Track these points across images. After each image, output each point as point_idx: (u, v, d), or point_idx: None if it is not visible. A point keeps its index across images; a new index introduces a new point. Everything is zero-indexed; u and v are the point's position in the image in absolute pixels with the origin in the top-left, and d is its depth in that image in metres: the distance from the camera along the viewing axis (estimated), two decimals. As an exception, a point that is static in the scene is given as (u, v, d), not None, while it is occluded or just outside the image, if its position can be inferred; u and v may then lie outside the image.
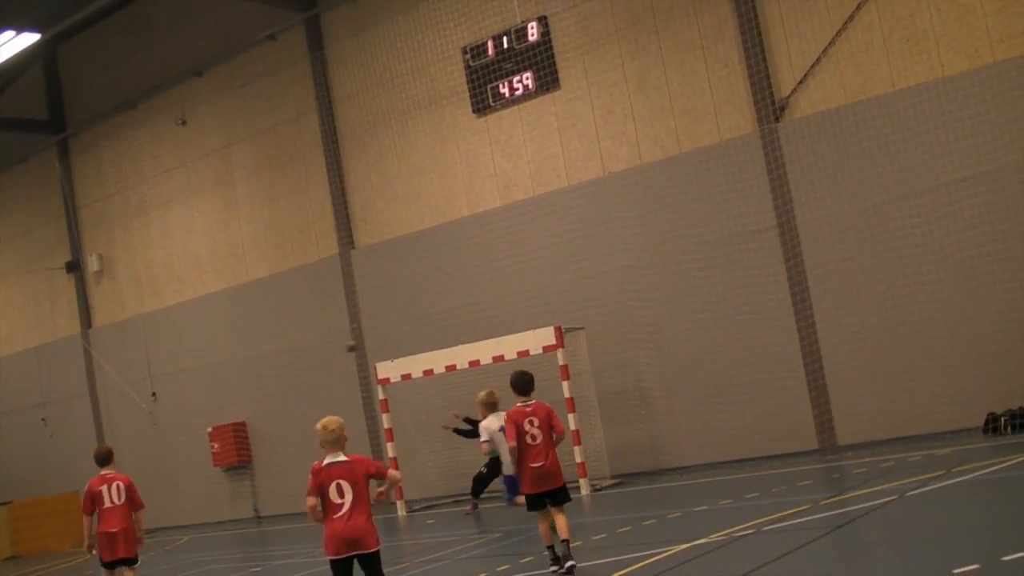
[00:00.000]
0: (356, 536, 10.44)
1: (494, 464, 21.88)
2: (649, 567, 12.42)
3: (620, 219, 24.01)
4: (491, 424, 20.53)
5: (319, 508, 10.55)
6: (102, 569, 15.50)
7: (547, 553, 13.16)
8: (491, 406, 20.62)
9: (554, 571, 12.86)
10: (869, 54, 21.29)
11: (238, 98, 30.95)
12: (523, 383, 13.80)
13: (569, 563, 12.72)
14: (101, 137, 34.94)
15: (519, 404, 13.57)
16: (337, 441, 10.68)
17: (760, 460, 21.67)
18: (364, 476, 10.57)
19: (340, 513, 10.42)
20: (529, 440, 13.30)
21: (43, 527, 30.35)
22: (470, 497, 22.77)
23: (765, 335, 22.23)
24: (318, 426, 10.76)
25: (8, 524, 31.59)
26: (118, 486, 15.46)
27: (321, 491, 10.50)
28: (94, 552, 15.50)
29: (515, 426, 13.32)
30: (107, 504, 15.37)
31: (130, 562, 15.33)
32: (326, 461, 10.57)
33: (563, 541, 12.98)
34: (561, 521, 13.16)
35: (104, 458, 15.98)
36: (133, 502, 15.44)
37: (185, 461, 32.59)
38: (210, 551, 24.98)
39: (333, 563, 10.48)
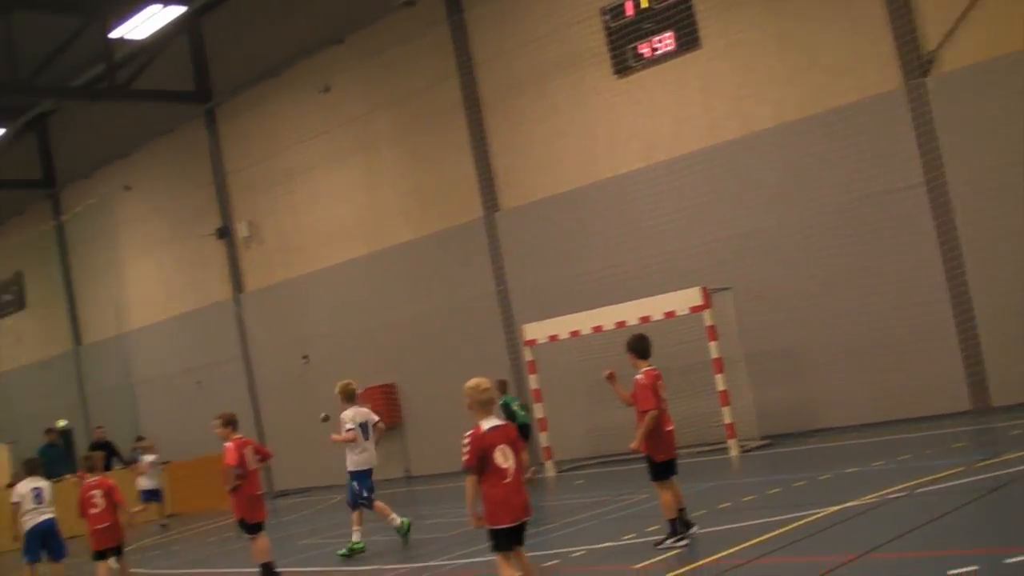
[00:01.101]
0: (527, 501, 10.18)
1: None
2: (799, 529, 12.44)
3: (763, 179, 23.80)
4: (349, 418, 18.76)
5: (478, 481, 10.09)
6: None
7: (669, 528, 13.11)
8: (351, 396, 18.96)
9: (683, 543, 12.83)
10: (1021, 2, 20.70)
11: (379, 64, 31.25)
12: (648, 346, 13.65)
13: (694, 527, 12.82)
14: (246, 106, 35.56)
15: (648, 368, 13.45)
16: (490, 402, 10.34)
17: (911, 421, 21.34)
18: (516, 443, 10.24)
19: (508, 479, 10.02)
20: (664, 405, 13.31)
21: (199, 487, 31.14)
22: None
23: (914, 294, 21.87)
24: (469, 385, 10.28)
25: (167, 484, 32.47)
26: (251, 449, 16.33)
27: (483, 458, 10.02)
28: None
29: (653, 390, 13.24)
30: (251, 467, 16.11)
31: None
32: (485, 426, 10.14)
33: (682, 509, 13.04)
34: (679, 488, 13.22)
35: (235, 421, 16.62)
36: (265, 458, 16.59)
37: (336, 422, 33.08)
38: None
39: (503, 532, 10.11)
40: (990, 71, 20.91)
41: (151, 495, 30.31)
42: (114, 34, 33.86)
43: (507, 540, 10.13)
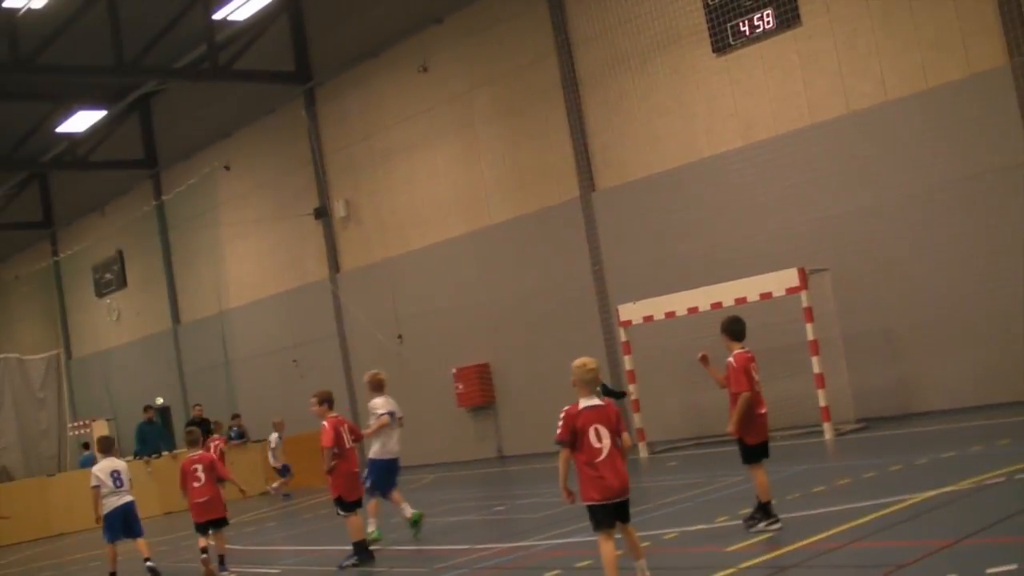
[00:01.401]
0: (625, 481, 10.29)
1: None
2: (895, 514, 12.23)
3: (864, 157, 23.41)
4: (380, 405, 18.22)
5: (571, 457, 10.29)
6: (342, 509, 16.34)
7: (762, 511, 12.95)
8: (379, 386, 18.51)
9: (776, 527, 12.67)
10: None
11: (477, 44, 31.24)
12: (742, 329, 13.46)
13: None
14: (345, 86, 35.74)
15: (741, 350, 13.25)
16: (594, 381, 10.57)
17: (1011, 406, 20.76)
18: (615, 424, 10.35)
19: (601, 458, 10.19)
20: (758, 387, 13.13)
21: (295, 465, 31.38)
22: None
23: (1018, 274, 21.38)
24: (576, 363, 10.60)
25: (264, 461, 32.82)
26: (348, 428, 16.58)
27: (576, 436, 10.22)
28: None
29: (746, 372, 13.05)
30: (348, 446, 16.29)
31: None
32: (582, 405, 10.34)
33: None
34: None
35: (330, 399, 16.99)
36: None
37: (430, 402, 33.28)
38: (455, 490, 25.53)
39: (600, 508, 10.23)
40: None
41: (284, 471, 31.71)
42: (217, 15, 34.35)
43: (605, 517, 10.23)
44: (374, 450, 17.83)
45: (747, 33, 25.06)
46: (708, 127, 26.15)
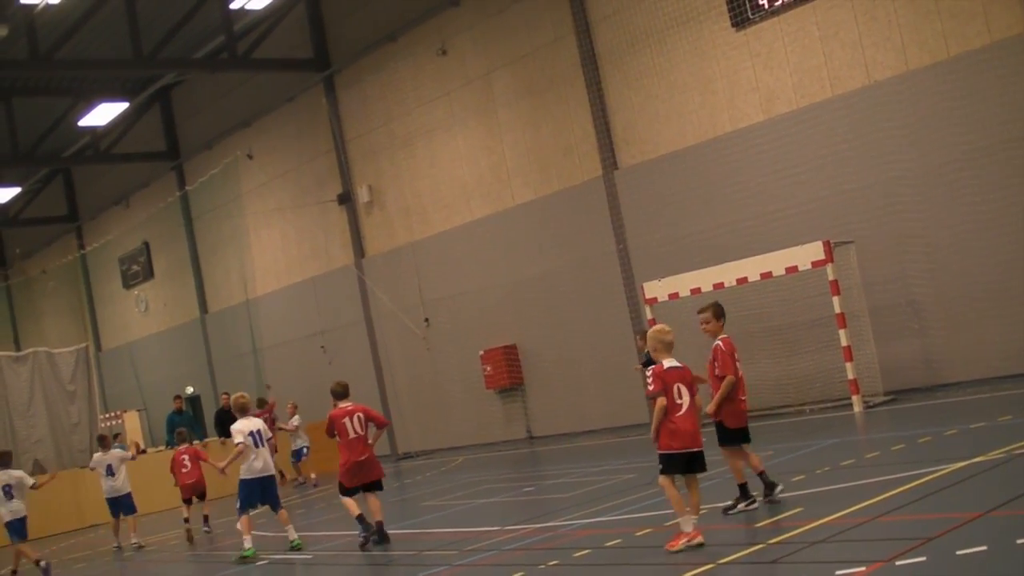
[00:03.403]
0: (698, 434, 11.78)
1: None
2: (925, 485, 12.17)
3: (887, 129, 23.25)
4: (243, 427, 17.88)
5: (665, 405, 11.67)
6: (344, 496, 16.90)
7: (739, 492, 13.14)
8: (243, 409, 18.28)
9: (753, 506, 12.94)
10: None
11: (495, 25, 31.16)
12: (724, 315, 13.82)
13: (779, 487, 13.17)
14: (364, 71, 35.73)
15: (725, 335, 13.44)
16: (672, 344, 12.10)
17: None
18: (692, 384, 11.94)
19: (681, 412, 11.74)
20: (740, 373, 13.41)
21: (324, 451, 31.41)
22: None
23: (1045, 243, 21.27)
24: (655, 329, 12.36)
25: (289, 448, 32.92)
26: (359, 417, 16.72)
27: (663, 390, 11.71)
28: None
29: (733, 356, 13.25)
30: (351, 435, 16.62)
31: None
32: (666, 365, 11.91)
33: (763, 472, 13.21)
34: (756, 456, 13.45)
35: (343, 392, 17.07)
36: (378, 425, 17.00)
37: (458, 384, 33.36)
38: (485, 471, 25.54)
39: (675, 456, 11.65)
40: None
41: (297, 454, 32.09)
42: (234, 5, 34.40)
43: (678, 465, 11.71)
44: (241, 470, 17.88)
45: (766, 6, 24.92)
46: (729, 102, 26.03)
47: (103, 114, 39.81)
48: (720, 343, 13.36)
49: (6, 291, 58.11)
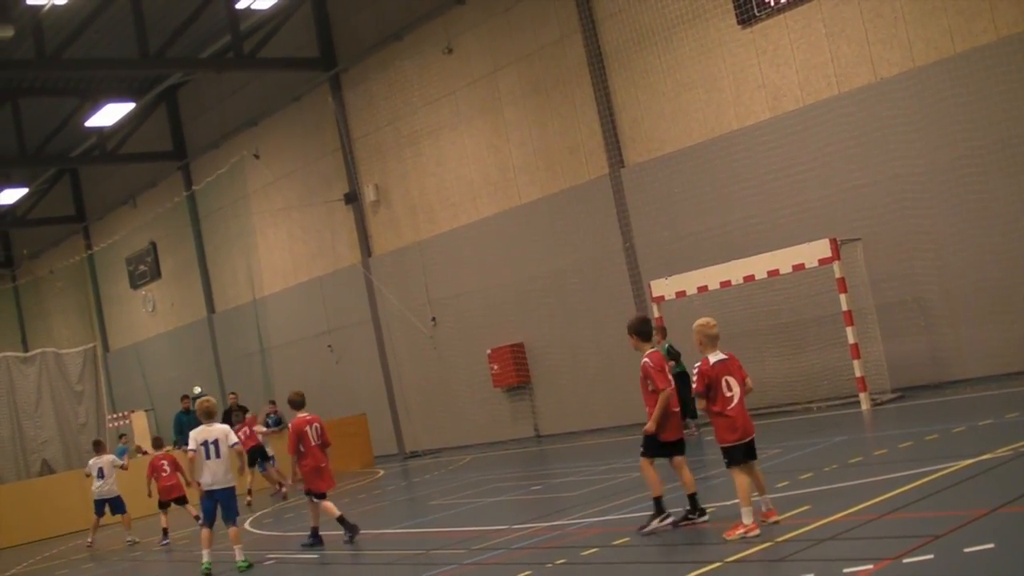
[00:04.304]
0: (751, 423, 11.87)
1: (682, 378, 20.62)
2: (933, 483, 12.16)
3: (893, 126, 23.22)
4: (197, 435, 17.14)
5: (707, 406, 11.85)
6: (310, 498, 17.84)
7: (654, 507, 12.90)
8: (208, 414, 17.35)
9: (668, 522, 12.76)
10: None
11: (501, 24, 31.15)
12: (651, 330, 13.68)
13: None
14: (370, 70, 35.73)
15: (652, 349, 13.18)
16: (717, 338, 12.00)
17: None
18: (740, 372, 11.95)
19: (733, 404, 11.80)
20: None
21: (332, 448, 31.42)
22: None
23: (1053, 240, 21.23)
24: (700, 323, 12.14)
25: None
26: (316, 427, 17.92)
27: (710, 386, 11.78)
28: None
29: (663, 370, 12.98)
30: (313, 443, 17.77)
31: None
32: (713, 359, 11.90)
33: (693, 494, 12.85)
34: (691, 475, 13.04)
35: (302, 402, 18.41)
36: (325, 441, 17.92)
37: (466, 383, 33.36)
38: (492, 470, 25.51)
39: (734, 448, 11.75)
40: None
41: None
42: (240, 4, 34.40)
43: (739, 455, 11.77)
44: (203, 481, 17.09)
45: (772, 4, 24.90)
46: (735, 100, 26.01)
47: (110, 114, 39.84)
48: (647, 359, 13.01)
49: (14, 291, 58.21)
